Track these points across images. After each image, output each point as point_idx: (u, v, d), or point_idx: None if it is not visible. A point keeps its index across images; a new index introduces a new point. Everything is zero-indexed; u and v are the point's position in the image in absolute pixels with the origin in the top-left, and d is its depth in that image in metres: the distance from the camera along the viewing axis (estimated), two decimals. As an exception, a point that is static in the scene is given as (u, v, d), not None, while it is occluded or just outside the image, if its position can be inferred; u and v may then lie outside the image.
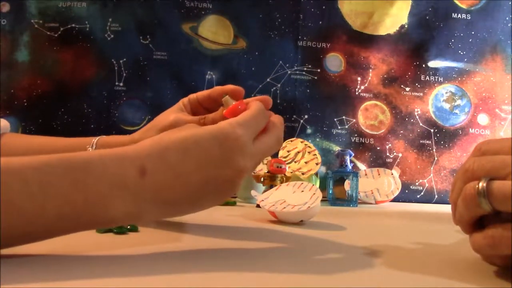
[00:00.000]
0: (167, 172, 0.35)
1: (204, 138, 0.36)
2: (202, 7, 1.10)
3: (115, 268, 0.31)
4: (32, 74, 1.05)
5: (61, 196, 0.30)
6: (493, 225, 0.30)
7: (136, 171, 0.33)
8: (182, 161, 0.35)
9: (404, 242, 0.47)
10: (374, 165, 1.11)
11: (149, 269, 0.31)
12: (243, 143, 0.37)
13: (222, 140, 0.36)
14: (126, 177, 0.33)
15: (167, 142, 0.36)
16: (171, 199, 0.35)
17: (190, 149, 0.35)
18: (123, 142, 0.55)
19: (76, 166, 0.32)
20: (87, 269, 0.30)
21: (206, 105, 0.53)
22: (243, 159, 0.37)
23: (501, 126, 1.15)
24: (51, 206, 0.30)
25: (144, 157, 0.34)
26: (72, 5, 1.07)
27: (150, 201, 0.34)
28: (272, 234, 0.51)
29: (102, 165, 0.33)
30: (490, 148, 0.32)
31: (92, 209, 0.32)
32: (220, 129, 0.37)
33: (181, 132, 0.37)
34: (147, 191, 0.34)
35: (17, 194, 0.29)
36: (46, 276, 0.28)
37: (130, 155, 0.34)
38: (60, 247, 0.34)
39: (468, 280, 0.31)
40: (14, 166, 0.30)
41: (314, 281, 0.31)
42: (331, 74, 1.14)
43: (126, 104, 1.08)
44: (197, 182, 0.36)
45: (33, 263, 0.31)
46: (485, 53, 1.15)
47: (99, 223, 0.34)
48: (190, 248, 0.40)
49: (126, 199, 0.33)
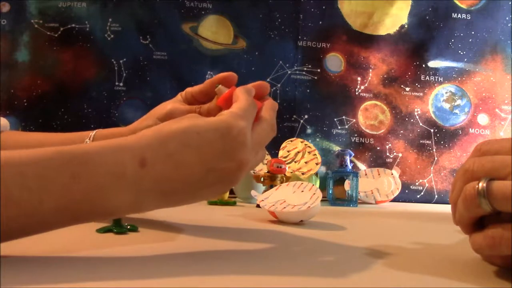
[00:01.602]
0: (167, 163, 0.34)
1: (206, 129, 0.35)
2: (202, 7, 1.10)
3: (115, 268, 0.31)
4: (32, 74, 1.05)
5: (58, 188, 0.30)
6: (493, 226, 0.30)
7: (136, 161, 0.33)
8: (183, 152, 0.35)
9: (404, 242, 0.47)
10: (374, 165, 1.11)
11: (149, 269, 0.31)
12: (245, 135, 0.36)
13: (225, 132, 0.36)
14: (125, 167, 0.33)
15: (168, 132, 0.35)
16: (171, 189, 0.35)
17: (192, 140, 0.35)
18: (121, 133, 0.54)
19: (74, 157, 0.31)
20: (87, 269, 0.30)
21: (200, 99, 0.52)
22: (245, 150, 0.36)
23: (501, 126, 1.15)
24: (48, 198, 0.30)
25: (144, 148, 0.34)
26: (72, 5, 1.07)
27: (150, 192, 0.34)
28: (272, 234, 0.51)
29: (101, 156, 0.32)
30: (490, 148, 0.32)
31: (91, 200, 0.31)
32: (223, 121, 0.36)
33: (182, 122, 0.36)
34: (147, 182, 0.33)
35: (15, 187, 0.29)
36: (46, 276, 0.28)
37: (130, 145, 0.34)
38: (60, 247, 0.34)
39: (468, 280, 0.31)
40: (11, 159, 0.30)
41: (314, 281, 0.31)
42: (331, 74, 1.14)
43: (126, 104, 1.08)
44: (198, 173, 0.35)
45: (33, 264, 0.31)
46: (485, 53, 1.15)
47: (98, 214, 0.33)
48: (190, 248, 0.40)
49: (125, 190, 0.33)
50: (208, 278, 0.30)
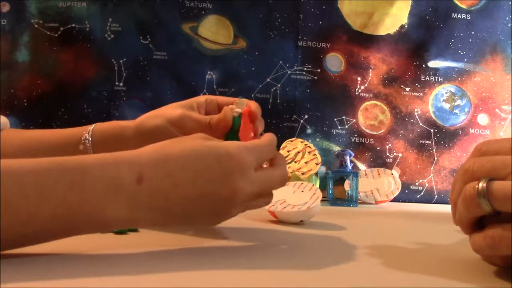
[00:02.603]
0: (165, 181, 0.35)
1: (206, 155, 0.36)
2: (202, 7, 1.10)
3: (115, 268, 0.31)
4: (32, 74, 1.05)
5: (56, 198, 0.31)
6: (493, 226, 0.30)
7: (133, 177, 0.33)
8: (181, 172, 0.35)
9: (404, 242, 0.47)
10: (374, 165, 1.11)
11: (149, 269, 0.31)
12: (245, 166, 0.37)
13: (225, 158, 0.36)
14: (122, 181, 0.33)
15: (168, 152, 0.36)
16: (166, 208, 0.35)
17: (190, 163, 0.36)
18: (122, 127, 0.53)
19: (72, 168, 0.32)
20: (87, 269, 0.30)
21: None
22: (242, 181, 0.37)
23: (501, 126, 1.15)
24: (46, 207, 0.30)
25: (143, 164, 0.34)
26: (72, 5, 1.07)
27: (145, 208, 0.34)
28: (272, 234, 0.51)
29: (99, 168, 0.33)
30: (490, 148, 0.32)
31: (87, 212, 0.32)
32: (225, 148, 0.37)
33: (185, 145, 0.37)
34: (143, 198, 0.34)
35: (13, 195, 0.29)
36: (46, 276, 0.28)
37: (129, 160, 0.34)
38: (60, 246, 0.34)
39: (468, 280, 0.31)
40: (11, 168, 0.30)
41: (314, 281, 0.31)
42: (331, 74, 1.14)
43: (126, 104, 1.08)
44: (193, 195, 0.36)
45: (33, 263, 0.31)
46: (485, 53, 1.15)
47: (94, 225, 0.33)
48: (190, 248, 0.40)
49: (121, 203, 0.33)
50: (208, 278, 0.30)
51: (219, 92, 1.10)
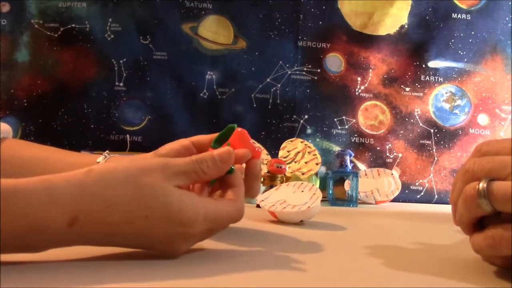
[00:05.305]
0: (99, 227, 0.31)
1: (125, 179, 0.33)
2: (202, 7, 1.10)
3: (114, 268, 0.31)
4: (32, 74, 1.05)
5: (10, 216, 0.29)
6: (493, 226, 0.30)
7: (64, 220, 0.30)
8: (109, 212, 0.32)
9: (404, 242, 0.47)
10: (374, 165, 1.11)
11: (149, 269, 0.31)
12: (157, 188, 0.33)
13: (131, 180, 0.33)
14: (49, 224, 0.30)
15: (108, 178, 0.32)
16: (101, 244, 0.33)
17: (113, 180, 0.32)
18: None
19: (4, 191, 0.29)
20: (87, 270, 0.30)
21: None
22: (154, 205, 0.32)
23: (501, 126, 1.15)
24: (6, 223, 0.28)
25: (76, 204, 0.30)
26: (72, 5, 1.07)
27: (81, 242, 0.32)
28: (272, 234, 0.51)
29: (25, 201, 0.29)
30: (490, 148, 0.32)
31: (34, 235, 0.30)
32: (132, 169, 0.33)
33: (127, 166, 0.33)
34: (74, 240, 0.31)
35: None
36: (44, 277, 0.28)
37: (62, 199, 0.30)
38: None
39: (468, 280, 0.31)
40: None
41: (314, 281, 0.31)
42: (331, 74, 1.14)
43: (126, 104, 1.08)
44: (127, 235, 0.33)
45: (32, 264, 0.31)
46: (485, 53, 1.15)
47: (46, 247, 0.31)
48: (190, 248, 0.40)
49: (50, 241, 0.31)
50: (208, 278, 0.30)
51: (219, 92, 1.10)
